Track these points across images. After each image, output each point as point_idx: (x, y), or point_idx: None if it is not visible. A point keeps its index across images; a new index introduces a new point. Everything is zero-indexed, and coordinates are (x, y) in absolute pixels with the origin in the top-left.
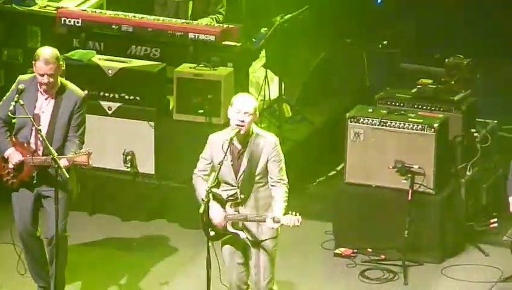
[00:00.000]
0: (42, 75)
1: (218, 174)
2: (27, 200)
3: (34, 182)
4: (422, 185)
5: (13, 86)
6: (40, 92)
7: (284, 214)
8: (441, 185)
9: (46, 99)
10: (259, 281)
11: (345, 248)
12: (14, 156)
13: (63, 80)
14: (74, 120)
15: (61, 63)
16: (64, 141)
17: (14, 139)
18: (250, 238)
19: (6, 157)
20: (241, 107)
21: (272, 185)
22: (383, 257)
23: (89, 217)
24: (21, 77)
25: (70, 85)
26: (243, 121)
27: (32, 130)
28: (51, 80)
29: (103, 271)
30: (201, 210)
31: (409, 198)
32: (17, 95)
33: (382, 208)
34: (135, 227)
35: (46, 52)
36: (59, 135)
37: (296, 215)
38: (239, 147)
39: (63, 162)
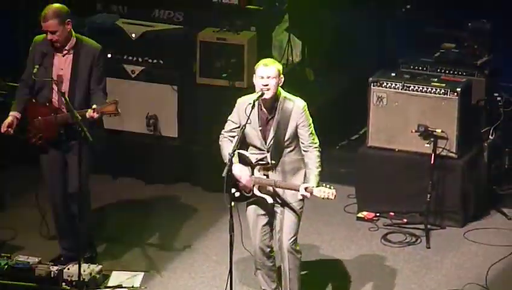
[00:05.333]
0: (46, 33)
1: (240, 137)
2: (55, 162)
3: (63, 138)
4: (445, 148)
5: (31, 48)
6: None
7: (318, 182)
8: (464, 149)
9: (63, 56)
10: (283, 241)
11: (368, 212)
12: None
13: (79, 35)
14: (95, 73)
15: (65, 20)
16: (87, 96)
17: (34, 100)
18: (277, 201)
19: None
20: (263, 72)
21: (304, 151)
22: (405, 220)
23: (112, 180)
24: (36, 38)
25: (86, 40)
26: (266, 85)
27: (52, 88)
28: (55, 37)
29: (126, 234)
30: (224, 173)
31: (432, 162)
32: (41, 59)
33: (404, 172)
34: (158, 190)
35: (45, 10)
36: (81, 91)
37: (330, 188)
38: (267, 112)
39: (90, 115)
